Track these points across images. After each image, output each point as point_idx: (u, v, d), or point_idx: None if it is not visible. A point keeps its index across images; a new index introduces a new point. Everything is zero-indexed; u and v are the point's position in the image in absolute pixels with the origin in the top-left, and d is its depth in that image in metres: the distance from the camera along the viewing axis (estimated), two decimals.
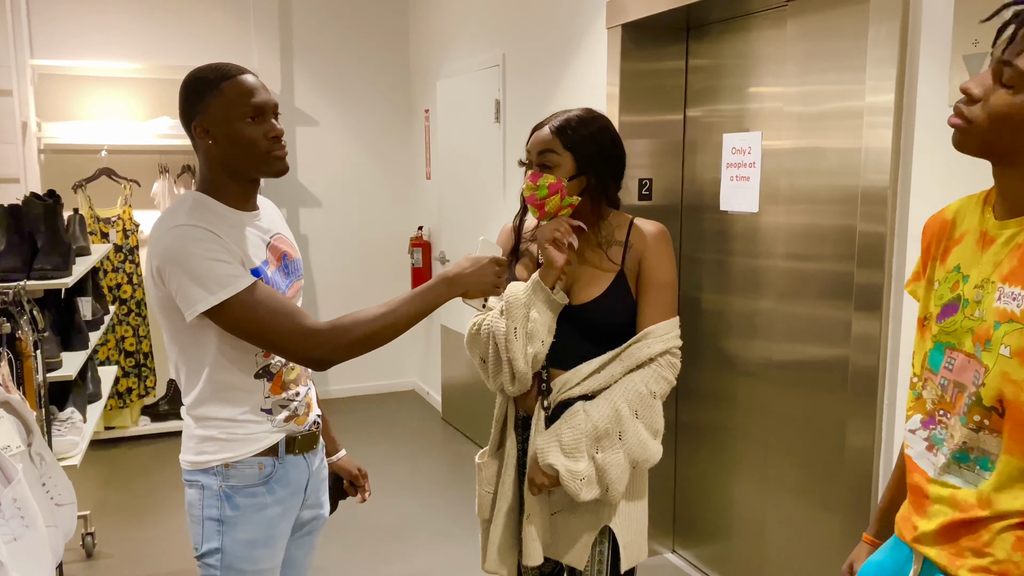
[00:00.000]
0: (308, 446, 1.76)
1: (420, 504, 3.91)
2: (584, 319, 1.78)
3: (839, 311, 2.43)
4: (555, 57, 3.64)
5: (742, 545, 3.03)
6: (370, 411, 5.43)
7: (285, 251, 1.74)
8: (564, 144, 1.77)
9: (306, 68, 5.39)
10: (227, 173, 1.62)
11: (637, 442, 1.69)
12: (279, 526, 1.71)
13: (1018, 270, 1.13)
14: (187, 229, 1.52)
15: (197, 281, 1.49)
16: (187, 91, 1.59)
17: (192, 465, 1.67)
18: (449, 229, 5.07)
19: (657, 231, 1.81)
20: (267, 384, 1.67)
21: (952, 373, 1.23)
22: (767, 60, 2.77)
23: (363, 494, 2.02)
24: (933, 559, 1.26)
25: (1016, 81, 1.09)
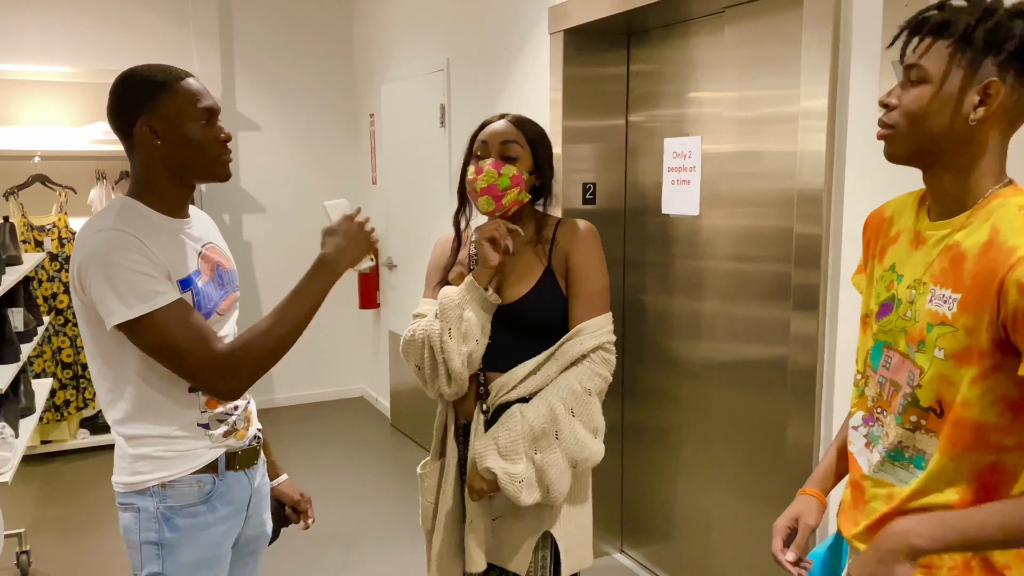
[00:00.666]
0: (249, 461, 1.70)
1: (369, 512, 3.88)
2: (514, 317, 1.78)
3: (778, 311, 2.48)
4: (499, 62, 3.65)
5: (689, 543, 3.07)
6: (318, 419, 5.36)
7: (218, 261, 1.69)
8: (526, 138, 1.79)
9: (247, 72, 5.31)
10: (168, 176, 1.56)
11: (574, 440, 1.68)
12: (223, 544, 1.65)
13: (948, 272, 1.16)
14: (113, 234, 1.46)
15: (116, 291, 1.43)
16: (130, 90, 1.53)
17: (126, 487, 1.58)
18: (396, 234, 5.04)
19: (582, 227, 1.82)
20: (202, 398, 1.60)
21: (889, 372, 1.26)
22: (706, 65, 2.82)
23: (306, 520, 1.93)
24: None
25: (923, 77, 1.16)
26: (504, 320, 1.79)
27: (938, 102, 1.15)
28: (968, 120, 1.14)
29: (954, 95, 1.14)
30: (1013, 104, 1.14)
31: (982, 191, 1.18)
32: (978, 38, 1.12)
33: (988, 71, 1.13)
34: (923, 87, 1.16)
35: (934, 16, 1.18)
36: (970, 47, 1.13)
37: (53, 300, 4.57)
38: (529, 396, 1.74)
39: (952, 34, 1.14)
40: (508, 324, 1.79)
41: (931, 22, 1.17)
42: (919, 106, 1.16)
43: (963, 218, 1.18)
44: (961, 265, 1.15)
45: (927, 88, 1.16)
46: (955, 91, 1.14)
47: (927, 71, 1.16)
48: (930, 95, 1.16)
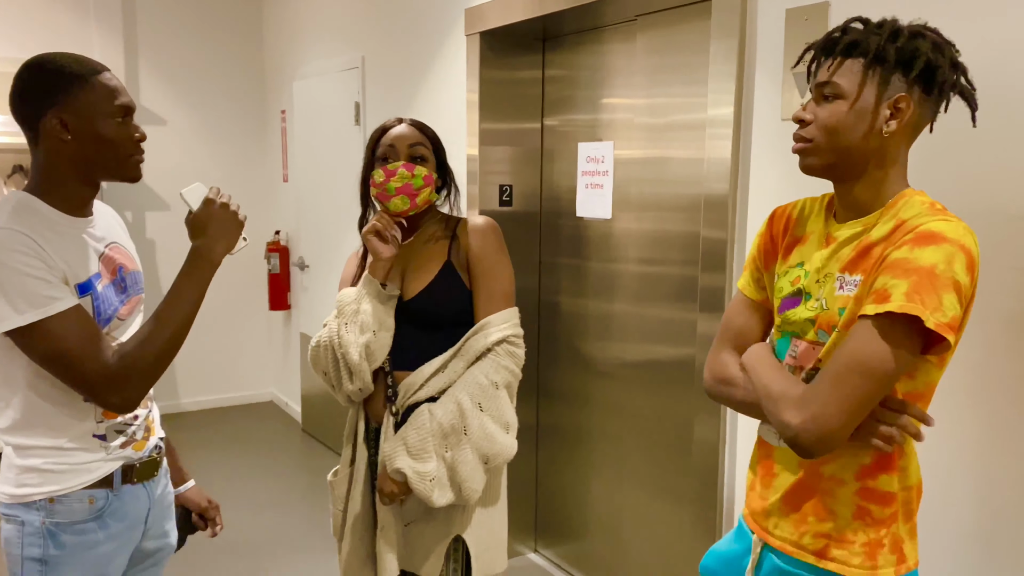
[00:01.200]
0: (148, 474, 1.62)
1: (279, 519, 3.79)
2: (415, 311, 1.79)
3: (686, 312, 2.55)
4: (416, 61, 3.63)
5: (600, 542, 3.12)
6: (226, 424, 5.20)
7: (121, 263, 1.61)
8: (429, 140, 1.84)
9: (152, 64, 5.12)
10: (74, 173, 1.48)
11: (483, 435, 1.68)
12: (112, 564, 1.56)
13: (857, 261, 1.25)
14: (5, 233, 1.37)
15: (6, 296, 1.35)
16: (39, 78, 1.44)
17: (11, 498, 1.49)
18: (308, 233, 4.95)
19: (483, 223, 1.84)
20: (98, 409, 1.51)
21: (796, 360, 1.34)
22: (619, 72, 2.87)
23: (214, 527, 1.88)
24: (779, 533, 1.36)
25: (837, 93, 1.24)
26: (408, 316, 1.79)
27: (853, 116, 1.23)
28: (882, 133, 1.23)
29: (868, 110, 1.23)
30: (918, 117, 1.25)
31: (889, 195, 1.28)
32: (890, 57, 1.21)
33: (897, 87, 1.22)
34: (838, 103, 1.24)
35: (843, 38, 1.26)
36: (882, 65, 1.22)
37: None
38: (438, 395, 1.73)
39: (864, 53, 1.23)
40: (411, 319, 1.79)
41: (841, 43, 1.26)
42: (836, 120, 1.24)
43: (873, 217, 1.27)
44: (869, 252, 1.24)
45: (842, 103, 1.24)
46: (869, 106, 1.23)
47: (841, 88, 1.24)
48: (846, 110, 1.24)
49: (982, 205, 1.64)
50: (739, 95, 2.16)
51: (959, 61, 1.25)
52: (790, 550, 1.35)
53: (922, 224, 1.18)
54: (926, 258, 1.14)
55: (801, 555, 1.33)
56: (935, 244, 1.14)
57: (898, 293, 1.13)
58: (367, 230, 1.79)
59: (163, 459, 1.71)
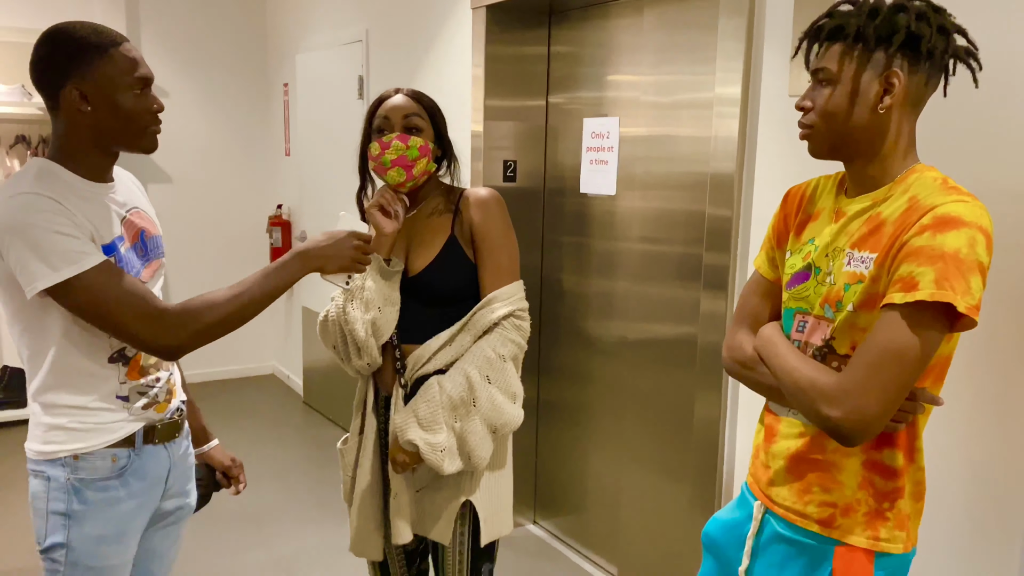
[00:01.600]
0: (169, 435, 1.67)
1: (282, 490, 3.83)
2: (421, 287, 1.79)
3: (689, 291, 2.57)
4: (420, 35, 3.61)
5: (599, 515, 3.16)
6: (228, 396, 5.24)
7: (143, 227, 1.64)
8: (425, 110, 1.82)
9: (154, 35, 5.09)
10: (92, 141, 1.50)
11: (492, 406, 1.70)
12: (133, 521, 1.62)
13: (867, 237, 1.27)
14: (31, 198, 1.40)
15: (39, 255, 1.38)
16: (59, 49, 1.45)
17: (38, 455, 1.55)
18: (310, 207, 4.95)
19: (486, 194, 1.84)
20: (123, 369, 1.56)
21: (804, 335, 1.37)
22: (625, 49, 2.86)
23: (237, 485, 1.94)
24: (782, 501, 1.39)
25: (829, 78, 1.28)
26: (413, 291, 1.80)
27: (847, 99, 1.26)
28: (877, 110, 1.25)
29: (860, 90, 1.25)
30: (914, 88, 1.26)
31: (899, 170, 1.29)
32: (869, 36, 1.24)
33: (885, 63, 1.24)
34: (832, 87, 1.27)
35: (827, 23, 1.29)
36: (864, 45, 1.24)
37: None
38: (445, 368, 1.76)
39: (846, 36, 1.26)
40: (417, 295, 1.80)
41: (826, 28, 1.29)
42: (832, 105, 1.28)
43: (883, 191, 1.29)
44: (881, 230, 1.25)
45: (837, 87, 1.27)
46: (860, 86, 1.25)
47: (832, 72, 1.28)
48: (839, 93, 1.27)
49: (994, 184, 1.65)
50: (747, 73, 2.16)
51: (949, 25, 1.26)
52: (793, 518, 1.38)
53: (939, 206, 1.18)
54: (950, 243, 1.15)
55: (805, 523, 1.36)
56: (956, 228, 1.16)
57: (927, 281, 1.15)
58: (371, 205, 1.80)
59: (184, 421, 1.75)
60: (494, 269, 1.78)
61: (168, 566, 1.80)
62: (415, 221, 1.86)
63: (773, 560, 1.41)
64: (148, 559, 1.74)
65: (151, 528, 1.72)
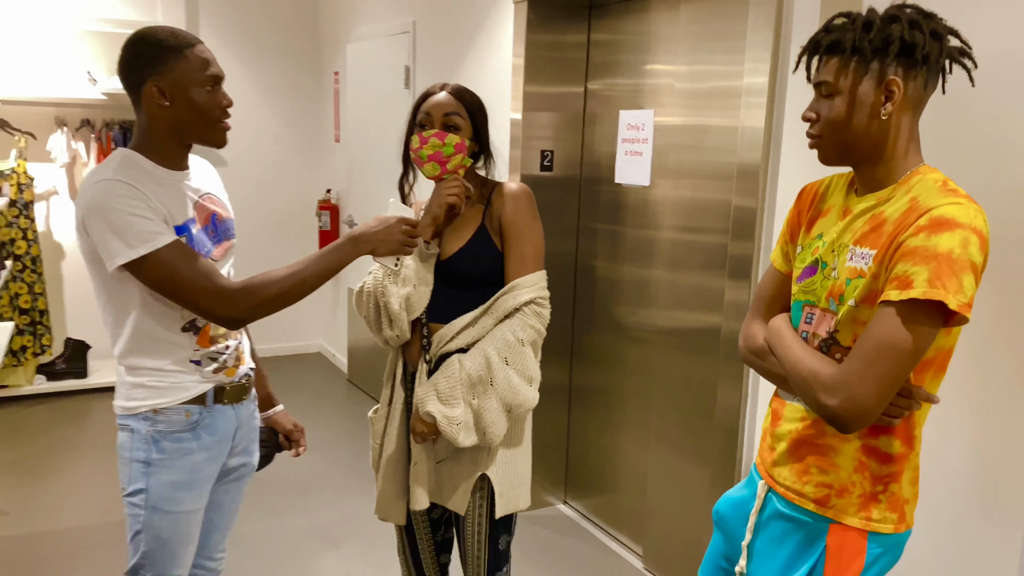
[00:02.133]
0: (237, 397, 1.84)
1: (324, 461, 4.00)
2: (451, 271, 1.90)
3: (716, 280, 2.63)
4: (464, 27, 3.72)
5: (626, 495, 3.25)
6: (277, 372, 5.44)
7: (214, 211, 1.80)
8: (466, 108, 1.91)
9: (212, 24, 5.29)
10: (169, 134, 1.67)
11: (508, 387, 1.80)
12: (204, 471, 1.79)
13: (869, 234, 1.34)
14: (112, 184, 1.57)
15: (118, 234, 1.55)
16: (141, 50, 1.62)
17: (123, 410, 1.73)
18: (357, 192, 5.11)
19: (517, 189, 1.93)
20: (194, 338, 1.74)
21: (811, 326, 1.45)
22: (661, 40, 2.92)
23: (297, 448, 2.12)
24: (783, 481, 1.48)
25: (833, 90, 1.34)
26: (442, 274, 1.91)
27: (850, 109, 1.33)
28: (880, 116, 1.32)
29: (862, 100, 1.32)
30: (913, 93, 1.33)
31: (903, 171, 1.36)
32: (866, 48, 1.30)
33: (884, 72, 1.30)
34: (836, 98, 1.35)
35: (824, 38, 1.35)
36: (863, 56, 1.31)
37: (11, 246, 4.57)
38: (468, 347, 1.86)
39: (844, 49, 1.32)
40: (445, 277, 1.91)
41: (824, 43, 1.35)
42: (837, 115, 1.35)
43: (887, 192, 1.36)
44: (881, 228, 1.32)
45: (839, 98, 1.34)
46: (863, 95, 1.32)
47: (835, 85, 1.34)
48: (844, 103, 1.34)
49: (995, 182, 1.70)
50: (774, 64, 2.20)
51: (941, 28, 1.32)
52: (792, 496, 1.46)
53: (935, 208, 1.25)
54: (943, 244, 1.21)
55: (802, 502, 1.44)
56: (950, 230, 1.22)
57: (920, 279, 1.21)
58: (451, 193, 1.87)
59: (251, 386, 1.93)
60: (519, 258, 1.88)
61: (229, 518, 1.98)
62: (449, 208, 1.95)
63: (773, 535, 1.49)
64: (212, 510, 1.91)
65: (218, 483, 1.89)
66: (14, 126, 4.60)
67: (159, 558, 1.76)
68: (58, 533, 3.22)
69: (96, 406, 4.60)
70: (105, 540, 3.15)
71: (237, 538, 3.21)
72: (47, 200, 4.90)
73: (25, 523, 3.28)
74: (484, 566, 1.97)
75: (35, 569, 2.96)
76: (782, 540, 1.48)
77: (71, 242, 4.97)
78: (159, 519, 1.74)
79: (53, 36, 4.75)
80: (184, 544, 1.79)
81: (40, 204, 4.87)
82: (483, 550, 1.96)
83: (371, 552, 3.15)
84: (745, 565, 1.54)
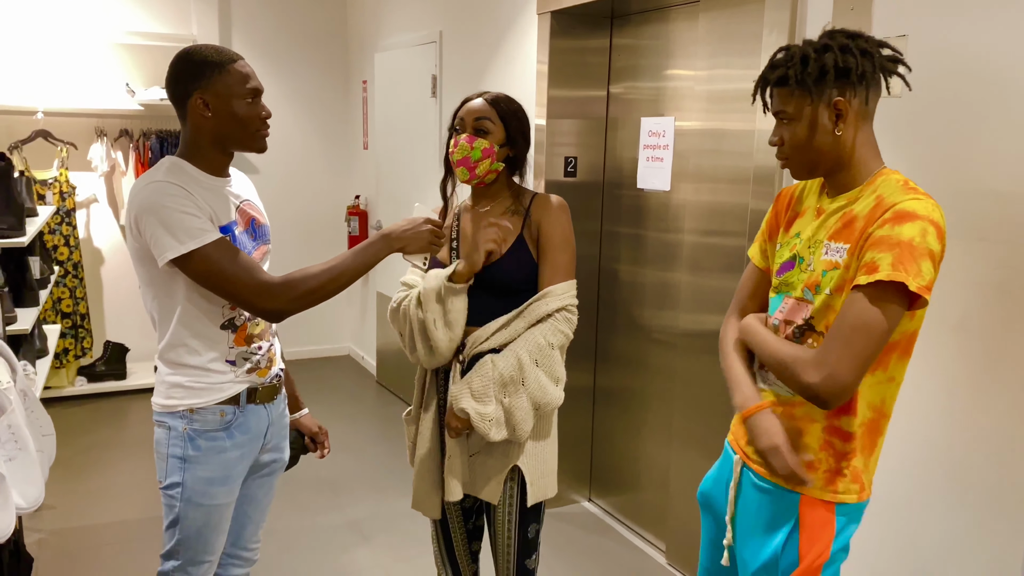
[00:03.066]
0: (269, 397, 1.94)
1: (355, 460, 4.11)
2: (489, 278, 1.98)
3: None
4: (489, 37, 3.82)
5: (649, 493, 3.32)
6: (307, 374, 5.56)
7: (254, 216, 1.92)
8: (499, 114, 1.99)
9: (244, 35, 5.44)
10: (212, 143, 1.79)
11: (538, 387, 1.91)
12: (236, 467, 1.89)
13: (842, 231, 1.48)
14: (163, 185, 1.69)
15: (169, 231, 1.66)
16: (187, 66, 1.75)
17: (162, 408, 1.84)
18: (386, 199, 5.23)
19: (554, 202, 2.02)
20: (231, 336, 1.84)
21: (784, 314, 1.59)
22: (680, 46, 3.00)
23: (322, 450, 2.22)
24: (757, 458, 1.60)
25: (789, 117, 1.50)
26: (480, 280, 1.99)
27: (807, 132, 1.48)
28: (835, 133, 1.47)
29: (816, 122, 1.47)
30: (858, 106, 1.47)
31: (868, 174, 1.51)
32: (808, 80, 1.45)
33: (829, 95, 1.46)
34: (795, 124, 1.49)
35: (771, 74, 1.50)
36: (806, 86, 1.45)
37: (54, 252, 4.74)
38: (500, 348, 1.95)
39: (788, 81, 1.47)
40: (483, 284, 1.99)
41: (772, 79, 1.50)
42: (796, 140, 1.50)
43: (856, 192, 1.51)
44: (853, 224, 1.46)
45: (797, 124, 1.49)
46: (816, 118, 1.47)
47: (789, 112, 1.49)
48: (802, 128, 1.49)
49: (955, 186, 1.86)
50: None
51: (870, 46, 1.46)
52: (765, 473, 1.59)
53: (898, 204, 1.40)
54: (905, 233, 1.36)
55: (774, 478, 1.56)
56: (911, 221, 1.36)
57: (884, 264, 1.36)
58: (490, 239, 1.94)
59: (283, 386, 2.03)
60: (553, 267, 1.98)
61: (263, 511, 2.10)
62: (488, 217, 2.04)
63: (751, 505, 1.63)
64: (246, 503, 2.02)
65: (250, 477, 1.99)
66: (56, 136, 4.77)
67: (192, 545, 1.87)
68: (101, 527, 3.36)
69: (135, 407, 4.77)
70: (145, 534, 3.29)
71: (272, 533, 3.33)
72: (88, 208, 5.07)
73: (71, 517, 3.43)
74: (514, 554, 2.06)
75: (81, 559, 3.11)
76: (759, 509, 1.61)
77: (111, 248, 5.14)
78: (193, 511, 1.84)
79: (92, 50, 4.93)
80: (216, 534, 1.89)
81: (81, 212, 5.04)
82: (513, 538, 2.05)
83: (403, 546, 3.25)
84: (732, 538, 1.67)
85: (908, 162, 1.95)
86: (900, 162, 1.97)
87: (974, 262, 1.84)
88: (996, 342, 1.81)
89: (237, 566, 2.08)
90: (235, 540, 2.05)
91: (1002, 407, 1.80)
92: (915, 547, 2.01)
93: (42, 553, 3.11)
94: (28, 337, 2.97)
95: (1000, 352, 1.80)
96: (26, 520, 3.34)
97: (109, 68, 4.98)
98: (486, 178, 2.00)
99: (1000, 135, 1.78)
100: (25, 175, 3.52)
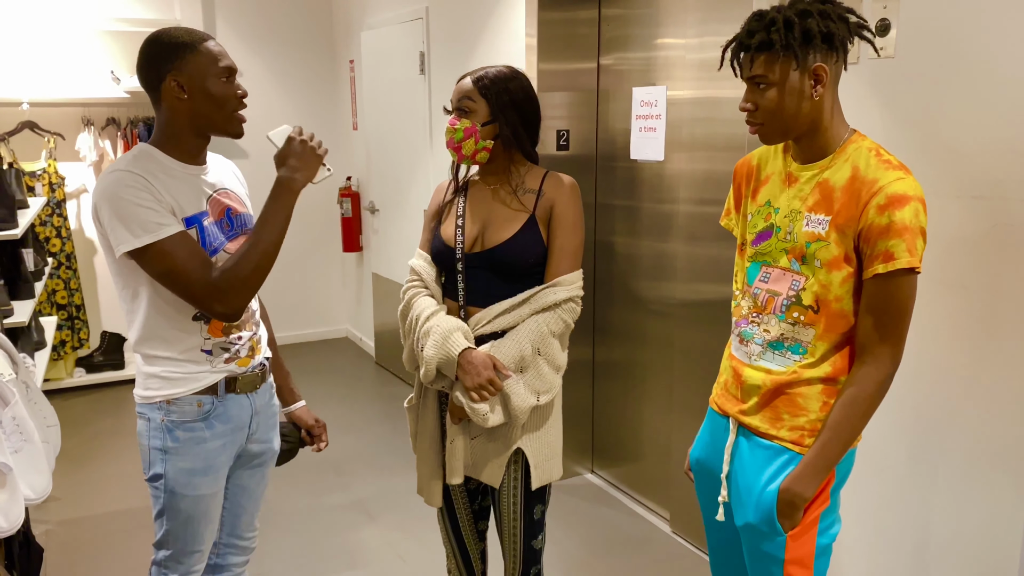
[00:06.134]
0: (251, 386, 1.89)
1: (357, 440, 4.13)
2: (496, 260, 1.95)
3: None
4: (477, 11, 3.78)
5: (651, 464, 3.35)
6: (305, 357, 5.58)
7: (229, 206, 1.86)
8: (480, 91, 1.94)
9: (228, 16, 5.39)
10: (188, 126, 1.74)
11: (538, 375, 1.91)
12: (218, 458, 1.85)
13: (821, 202, 1.54)
14: (123, 175, 1.65)
15: (123, 223, 1.63)
16: (158, 49, 1.70)
17: (140, 399, 1.81)
18: (377, 179, 5.21)
19: (569, 182, 1.98)
20: (204, 326, 1.79)
21: (767, 284, 1.62)
22: (671, 13, 2.98)
23: (319, 444, 2.16)
24: (755, 426, 1.64)
25: (768, 82, 1.50)
26: (485, 261, 1.96)
27: (786, 96, 1.50)
28: (813, 98, 1.50)
29: (795, 87, 1.49)
30: (834, 71, 1.52)
31: (838, 139, 1.55)
32: (794, 43, 1.46)
33: (811, 60, 1.48)
34: (771, 89, 1.50)
35: (753, 39, 1.50)
36: (791, 51, 1.46)
37: (46, 244, 4.72)
38: (503, 331, 1.93)
39: (773, 45, 1.47)
40: (489, 266, 1.96)
41: (754, 43, 1.50)
42: (774, 105, 1.51)
43: (827, 161, 1.55)
44: (831, 195, 1.52)
45: (774, 89, 1.50)
46: (795, 84, 1.49)
47: (768, 78, 1.49)
48: (780, 93, 1.50)
49: (931, 143, 1.88)
50: None
51: (843, 11, 1.50)
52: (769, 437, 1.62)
53: (887, 186, 1.46)
54: (904, 217, 1.44)
55: (779, 442, 1.61)
56: (906, 204, 1.45)
57: (900, 251, 1.45)
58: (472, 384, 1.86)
59: (268, 375, 1.99)
60: (560, 252, 1.95)
61: (256, 501, 2.06)
62: (497, 195, 1.99)
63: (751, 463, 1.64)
64: (238, 494, 2.00)
65: (241, 468, 1.97)
66: (43, 127, 4.73)
67: (180, 535, 1.85)
68: (108, 516, 3.38)
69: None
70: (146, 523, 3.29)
71: (278, 515, 3.35)
72: (78, 198, 5.04)
73: (74, 508, 3.45)
74: (520, 535, 2.06)
75: (85, 549, 3.12)
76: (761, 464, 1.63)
77: None
78: (178, 501, 1.81)
79: (75, 38, 4.87)
80: (204, 523, 1.87)
81: (71, 202, 5.01)
82: (519, 520, 2.05)
83: (410, 524, 3.28)
84: (727, 494, 1.70)
85: (900, 121, 1.95)
86: (893, 121, 1.97)
87: (969, 219, 1.85)
88: (992, 298, 1.82)
89: (235, 555, 2.07)
90: (231, 530, 2.03)
91: (1001, 363, 1.82)
92: (916, 504, 2.04)
93: (50, 544, 3.12)
94: (25, 329, 2.96)
95: (997, 309, 1.81)
96: (33, 511, 3.35)
97: (94, 56, 4.92)
98: (476, 157, 1.95)
99: (993, 91, 1.77)
100: (14, 167, 3.49)
